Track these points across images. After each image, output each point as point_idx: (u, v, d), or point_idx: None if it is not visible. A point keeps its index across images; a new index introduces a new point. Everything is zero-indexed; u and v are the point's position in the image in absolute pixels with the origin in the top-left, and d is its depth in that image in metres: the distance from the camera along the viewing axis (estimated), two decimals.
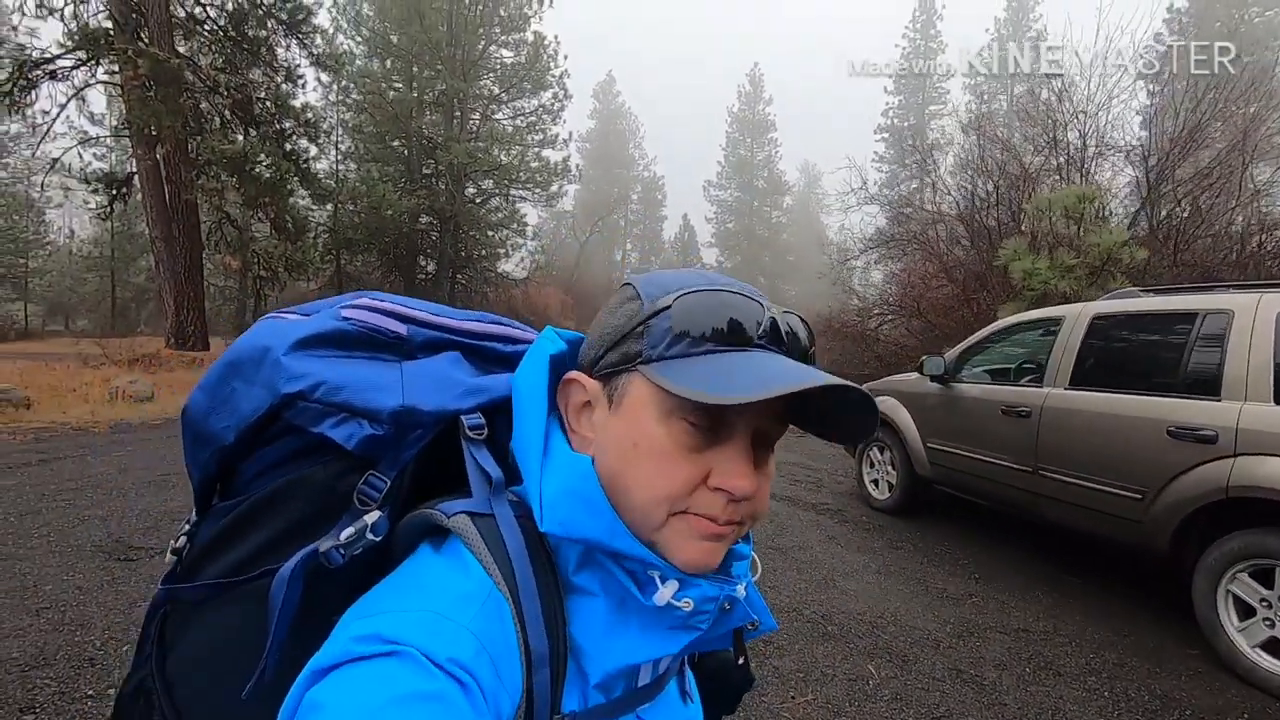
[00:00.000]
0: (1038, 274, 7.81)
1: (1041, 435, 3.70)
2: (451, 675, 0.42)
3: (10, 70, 14.13)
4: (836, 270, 16.36)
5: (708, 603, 0.51)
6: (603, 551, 0.51)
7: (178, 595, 0.60)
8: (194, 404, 0.64)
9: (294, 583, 0.52)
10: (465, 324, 0.69)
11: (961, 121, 14.92)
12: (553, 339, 0.59)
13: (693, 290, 0.51)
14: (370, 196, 21.78)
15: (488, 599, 0.47)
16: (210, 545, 0.60)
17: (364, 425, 0.56)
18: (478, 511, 0.51)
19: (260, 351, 0.61)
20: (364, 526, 0.53)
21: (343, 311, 0.65)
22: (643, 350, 0.51)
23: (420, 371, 0.61)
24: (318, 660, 0.42)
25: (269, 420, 0.59)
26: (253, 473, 0.61)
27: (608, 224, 48.67)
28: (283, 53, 16.47)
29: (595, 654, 0.51)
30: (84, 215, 34.00)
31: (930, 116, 40.71)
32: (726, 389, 0.46)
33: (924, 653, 2.93)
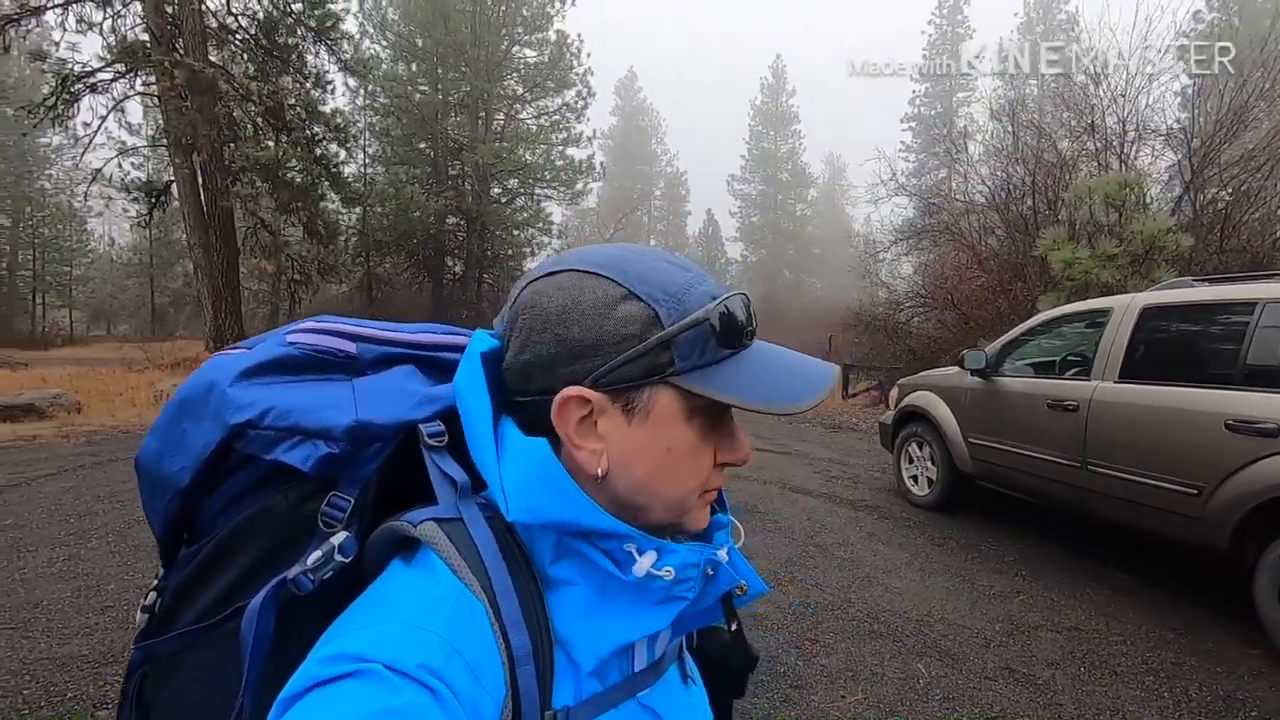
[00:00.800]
0: (1078, 264, 7.62)
1: (1090, 429, 3.62)
2: (421, 683, 0.41)
3: (54, 84, 14.57)
4: (865, 263, 16.17)
5: (689, 569, 0.52)
6: (574, 533, 0.51)
7: (153, 652, 0.59)
8: (146, 451, 0.63)
9: (264, 615, 0.51)
10: (416, 336, 0.69)
11: (992, 108, 14.63)
12: (483, 339, 0.58)
13: (718, 299, 0.53)
14: (398, 199, 22.06)
15: (457, 602, 0.46)
16: (180, 593, 0.58)
17: (319, 445, 0.55)
18: (445, 517, 0.51)
19: (206, 387, 0.60)
20: (331, 549, 0.52)
21: (288, 337, 0.65)
22: (673, 361, 0.50)
23: (373, 386, 0.61)
24: (286, 690, 0.42)
25: (222, 454, 0.58)
26: (215, 511, 0.59)
27: (632, 221, 48.67)
28: (312, 59, 16.74)
29: (583, 642, 0.50)
30: (123, 223, 34.91)
31: (959, 104, 39.93)
32: (783, 395, 0.51)
33: (974, 651, 2.90)
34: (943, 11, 41.49)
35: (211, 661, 0.54)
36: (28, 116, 14.90)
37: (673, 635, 0.59)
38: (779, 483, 6.04)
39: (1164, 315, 3.55)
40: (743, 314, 0.54)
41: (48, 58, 14.95)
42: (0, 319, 33.00)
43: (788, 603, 3.37)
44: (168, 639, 0.57)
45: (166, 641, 0.58)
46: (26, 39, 16.15)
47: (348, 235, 21.82)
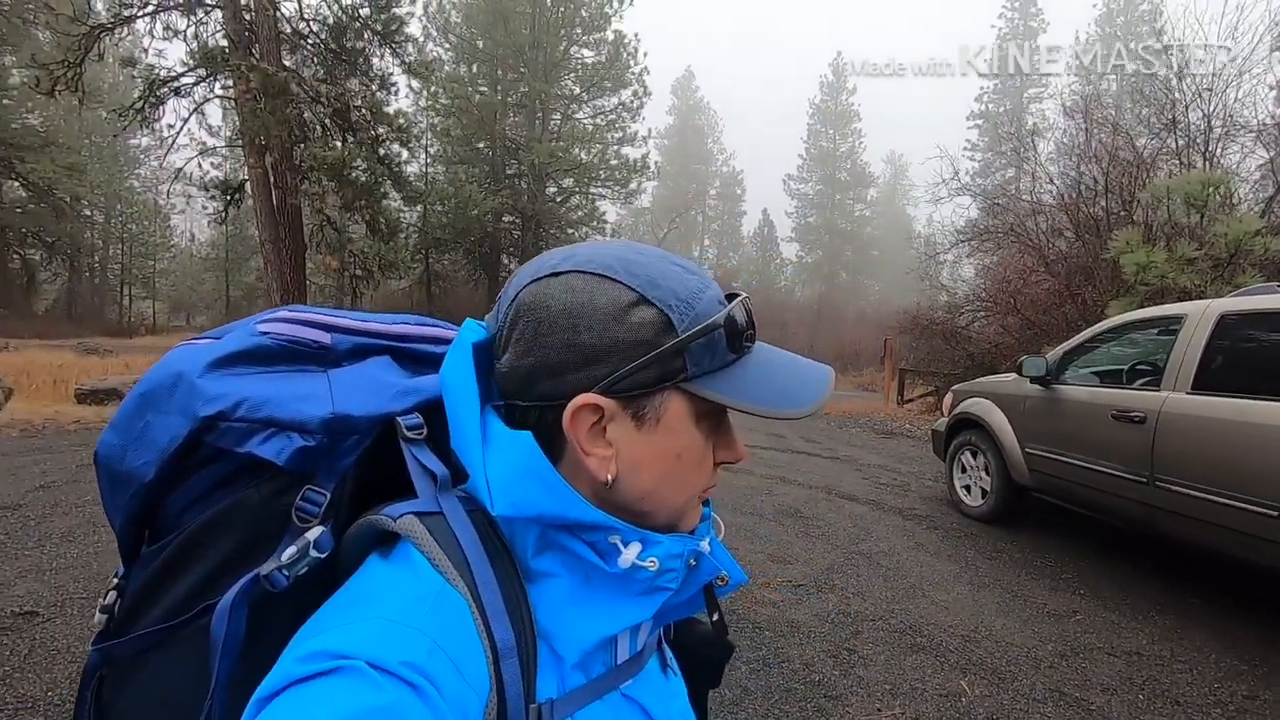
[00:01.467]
0: (1153, 267, 7.19)
1: (1159, 443, 3.41)
2: (404, 680, 0.40)
3: (142, 89, 15.49)
4: (925, 264, 15.69)
5: (673, 559, 0.52)
6: (559, 526, 0.50)
7: (112, 654, 0.57)
8: (105, 445, 0.60)
9: (236, 613, 0.49)
10: (393, 327, 0.67)
11: (1064, 104, 13.96)
12: (473, 329, 0.56)
13: (735, 302, 0.53)
14: (457, 197, 22.59)
15: (439, 597, 0.45)
16: (142, 593, 0.56)
17: (294, 438, 0.53)
18: (425, 510, 0.49)
19: (172, 378, 0.57)
20: (306, 544, 0.50)
21: (259, 327, 0.63)
22: (685, 367, 0.50)
23: (349, 377, 0.59)
24: (261, 688, 0.40)
25: (190, 448, 0.55)
26: (180, 507, 0.57)
27: (686, 220, 48.57)
28: (377, 62, 17.30)
29: (567, 634, 0.50)
30: (202, 220, 36.94)
31: (1029, 100, 38.32)
32: (788, 401, 0.52)
33: (1023, 671, 2.77)
34: (1014, 4, 39.88)
35: (179, 661, 0.52)
36: (119, 119, 15.87)
37: (653, 626, 0.59)
38: (824, 487, 5.91)
39: (1244, 323, 3.31)
40: (744, 317, 0.53)
41: (137, 64, 15.89)
42: (92, 309, 35.33)
43: (826, 611, 3.29)
44: (129, 640, 0.55)
45: (127, 643, 0.55)
46: (119, 46, 17.19)
47: (408, 232, 22.48)
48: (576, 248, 0.54)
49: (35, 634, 2.74)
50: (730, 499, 5.27)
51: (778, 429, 9.36)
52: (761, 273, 52.61)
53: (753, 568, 3.83)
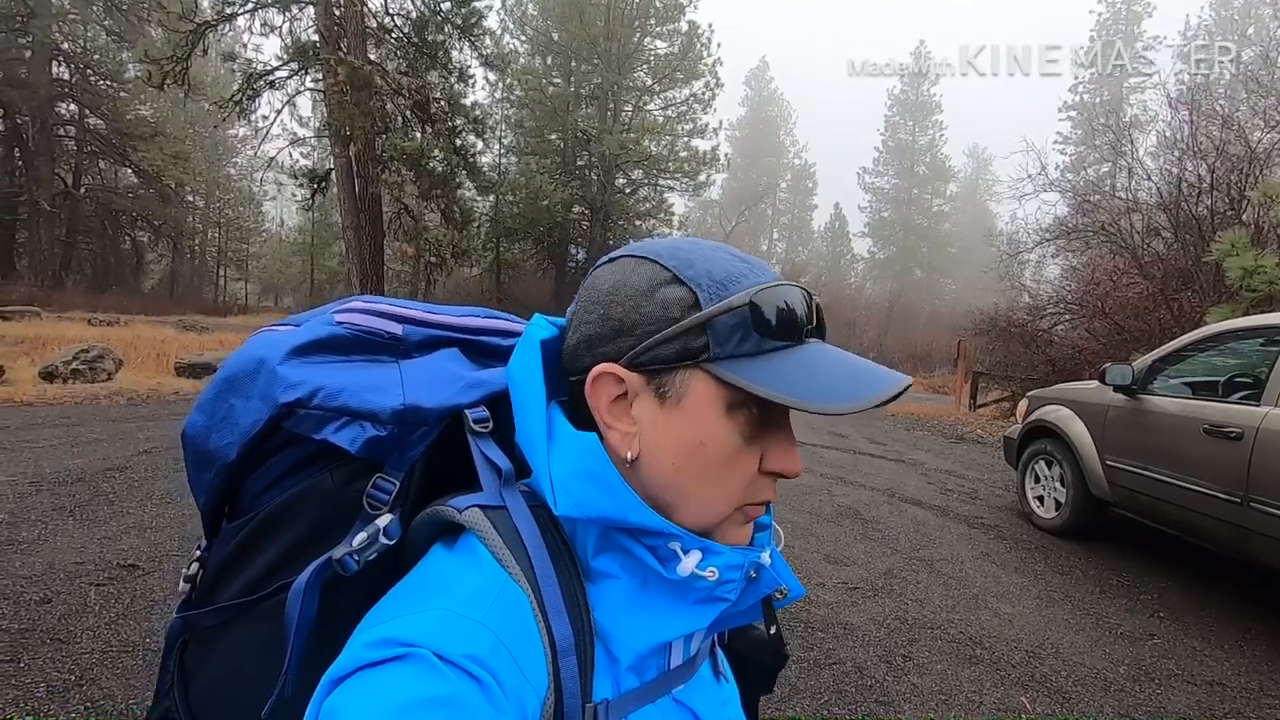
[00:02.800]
0: (1261, 272, 6.64)
1: (1256, 461, 3.18)
2: (468, 673, 0.40)
3: (240, 82, 16.47)
4: (1006, 264, 14.99)
5: (732, 570, 0.51)
6: (620, 529, 0.50)
7: (195, 623, 0.60)
8: (192, 425, 0.63)
9: (310, 593, 0.51)
10: (461, 320, 0.69)
11: (1169, 95, 13.02)
12: (542, 325, 0.57)
13: (763, 286, 0.50)
14: (528, 188, 23.10)
15: (502, 591, 0.46)
16: (223, 567, 0.59)
17: (367, 427, 0.55)
18: (489, 504, 0.50)
19: (255, 364, 0.60)
20: (376, 530, 0.52)
21: (335, 316, 0.64)
22: (708, 346, 0.49)
23: (419, 369, 0.61)
24: (332, 670, 0.42)
25: (270, 432, 0.58)
26: (259, 488, 0.60)
27: (755, 213, 47.94)
28: (456, 55, 17.83)
29: (623, 636, 0.50)
30: (291, 206, 39.00)
31: (1129, 91, 35.90)
32: (830, 397, 0.47)
33: (1090, 693, 2.65)
34: None
35: (254, 636, 0.54)
36: (219, 111, 16.94)
37: (707, 633, 0.57)
38: (887, 490, 5.77)
39: None
40: (800, 308, 0.51)
41: (236, 58, 16.91)
42: (192, 288, 37.92)
43: (882, 615, 3.23)
44: (210, 611, 0.58)
45: (208, 614, 0.58)
46: (221, 42, 18.32)
47: (480, 222, 23.12)
48: (643, 240, 0.57)
49: (136, 585, 2.99)
50: (787, 497, 5.22)
51: (840, 427, 9.18)
52: (831, 268, 51.47)
53: (808, 567, 3.80)
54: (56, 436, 5.57)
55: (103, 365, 8.79)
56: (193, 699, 0.59)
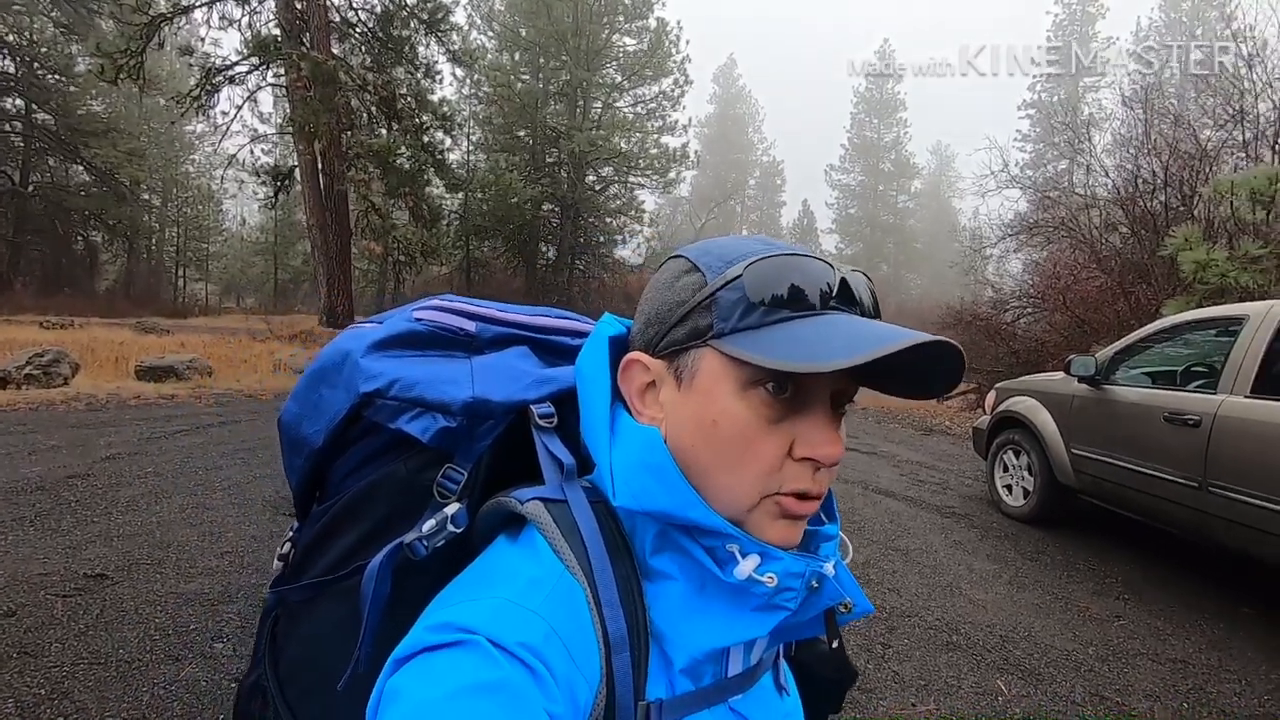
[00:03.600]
0: (1213, 266, 6.91)
1: (1213, 447, 3.31)
2: (520, 660, 0.41)
3: (199, 77, 16.02)
4: (970, 259, 15.33)
5: (792, 578, 0.49)
6: (678, 526, 0.49)
7: (285, 597, 0.64)
8: (287, 413, 0.68)
9: (383, 575, 0.54)
10: (532, 319, 0.71)
11: (1123, 94, 13.44)
12: (611, 323, 0.59)
13: (762, 257, 0.50)
14: (498, 185, 22.89)
15: (558, 582, 0.47)
16: (310, 547, 0.63)
17: (438, 419, 0.57)
18: (551, 498, 0.51)
19: (341, 356, 0.64)
20: (444, 518, 0.54)
21: (414, 314, 0.68)
22: (713, 324, 0.49)
23: (489, 365, 0.63)
24: (397, 651, 0.43)
25: (352, 420, 0.61)
26: (343, 474, 0.64)
27: (724, 210, 48.21)
28: (423, 50, 17.61)
29: (678, 638, 0.50)
30: (253, 205, 38.08)
31: (1085, 90, 36.91)
32: (816, 355, 0.44)
33: (1061, 673, 2.73)
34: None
35: (334, 612, 0.57)
36: (176, 106, 16.45)
37: (769, 643, 0.57)
38: (861, 483, 5.87)
39: None
40: (816, 279, 0.50)
41: (194, 52, 16.43)
42: (149, 289, 36.76)
43: None
44: (296, 588, 0.62)
45: (296, 589, 0.63)
46: (177, 35, 17.77)
47: (449, 219, 22.86)
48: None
49: (105, 595, 2.90)
50: None
51: None
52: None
53: None
54: (12, 444, 5.37)
55: (58, 369, 8.48)
56: (281, 669, 0.63)
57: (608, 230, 29.20)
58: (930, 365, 0.49)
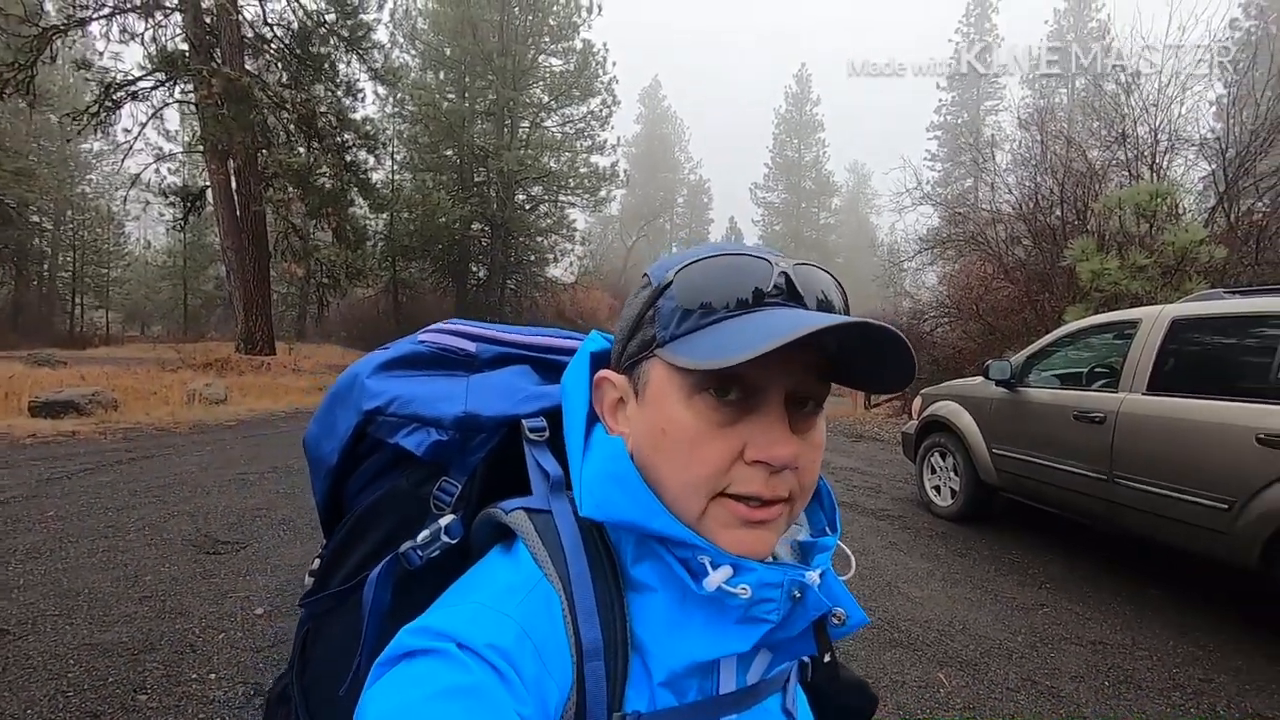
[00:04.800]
0: (1107, 274, 7.52)
1: (1117, 442, 3.59)
2: (489, 663, 0.42)
3: (97, 92, 15.08)
4: (889, 272, 16.07)
5: (768, 589, 0.47)
6: (647, 536, 0.49)
7: (310, 609, 0.66)
8: (309, 435, 0.72)
9: (382, 585, 0.55)
10: (532, 339, 0.73)
11: (1020, 117, 14.48)
12: (596, 339, 0.60)
13: (693, 260, 0.49)
14: (425, 205, 22.48)
15: (534, 589, 0.47)
16: (329, 561, 0.65)
17: (432, 433, 0.60)
18: (535, 508, 0.52)
19: (352, 378, 0.68)
20: (438, 529, 0.55)
21: (419, 337, 0.72)
22: (656, 334, 0.49)
23: (485, 382, 0.65)
24: (384, 654, 0.45)
25: (359, 437, 0.65)
26: (355, 490, 0.68)
27: (654, 228, 48.87)
28: (344, 68, 17.14)
29: (659, 651, 0.49)
30: (159, 227, 35.89)
31: (986, 113, 39.54)
32: (730, 351, 0.43)
33: (996, 662, 2.88)
34: (970, 20, 41.16)
35: (349, 623, 0.59)
36: (71, 123, 15.41)
37: (774, 662, 0.54)
38: None
39: (1194, 327, 3.51)
40: (752, 276, 0.49)
41: (91, 66, 15.46)
42: (40, 319, 34.01)
43: None
44: (316, 600, 0.64)
45: (317, 601, 0.65)
46: (72, 48, 16.70)
47: (375, 240, 22.23)
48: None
49: (7, 652, 2.66)
50: None
51: None
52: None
53: None
54: None
55: None
56: (306, 678, 0.65)
57: (539, 249, 29.08)
58: (875, 351, 0.48)
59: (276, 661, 2.65)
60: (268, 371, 14.27)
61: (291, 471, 5.99)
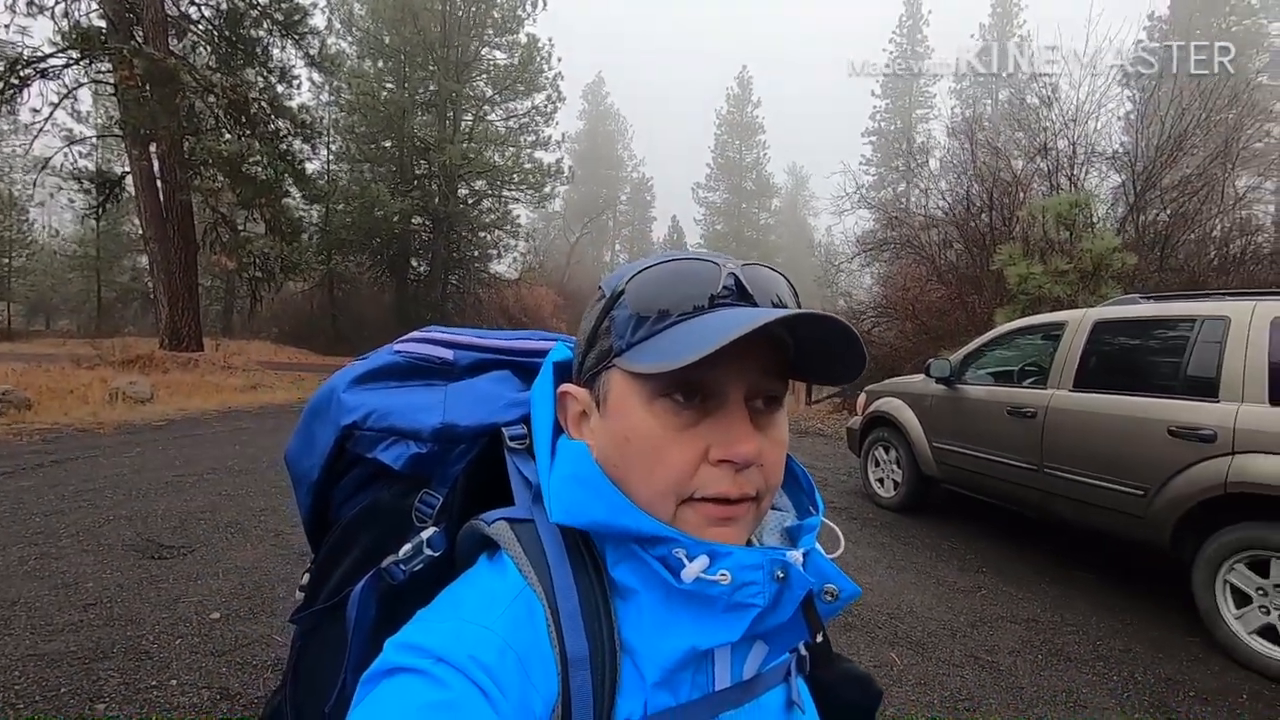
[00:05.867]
0: (1032, 278, 8.02)
1: (1046, 435, 3.87)
2: (470, 679, 0.42)
3: (1, 69, 13.99)
4: (827, 273, 16.58)
5: (749, 571, 0.47)
6: (621, 536, 0.49)
7: (300, 625, 0.66)
8: (290, 450, 0.71)
9: (365, 600, 0.55)
10: (511, 343, 0.72)
11: (949, 126, 15.21)
12: (561, 349, 0.60)
13: (644, 268, 0.50)
14: (363, 197, 21.82)
15: (516, 599, 0.47)
16: (316, 576, 0.65)
17: (410, 445, 0.59)
18: (517, 518, 0.52)
19: (329, 392, 0.68)
20: (420, 543, 0.55)
21: (395, 346, 0.71)
22: (613, 344, 0.49)
23: (463, 391, 0.64)
24: (369, 669, 0.44)
25: (338, 453, 0.65)
26: (340, 501, 0.67)
27: (597, 225, 48.80)
28: (278, 53, 16.43)
29: (649, 651, 0.48)
30: (66, 214, 33.56)
31: (917, 120, 41.15)
32: (685, 351, 0.43)
33: (941, 641, 3.09)
34: (903, 31, 42.75)
35: (337, 637, 0.59)
36: None
37: (770, 654, 0.53)
38: None
39: (1114, 329, 3.82)
40: (700, 279, 0.49)
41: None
42: None
43: None
44: (306, 615, 0.65)
45: (306, 617, 0.65)
46: None
47: (310, 233, 21.40)
48: None
49: None
50: None
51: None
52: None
53: None
54: None
55: None
56: (299, 693, 0.65)
57: (482, 245, 28.64)
58: (827, 344, 0.49)
59: (240, 665, 2.60)
60: (196, 369, 13.59)
61: (233, 472, 5.78)
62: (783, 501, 0.61)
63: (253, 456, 6.53)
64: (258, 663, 2.62)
